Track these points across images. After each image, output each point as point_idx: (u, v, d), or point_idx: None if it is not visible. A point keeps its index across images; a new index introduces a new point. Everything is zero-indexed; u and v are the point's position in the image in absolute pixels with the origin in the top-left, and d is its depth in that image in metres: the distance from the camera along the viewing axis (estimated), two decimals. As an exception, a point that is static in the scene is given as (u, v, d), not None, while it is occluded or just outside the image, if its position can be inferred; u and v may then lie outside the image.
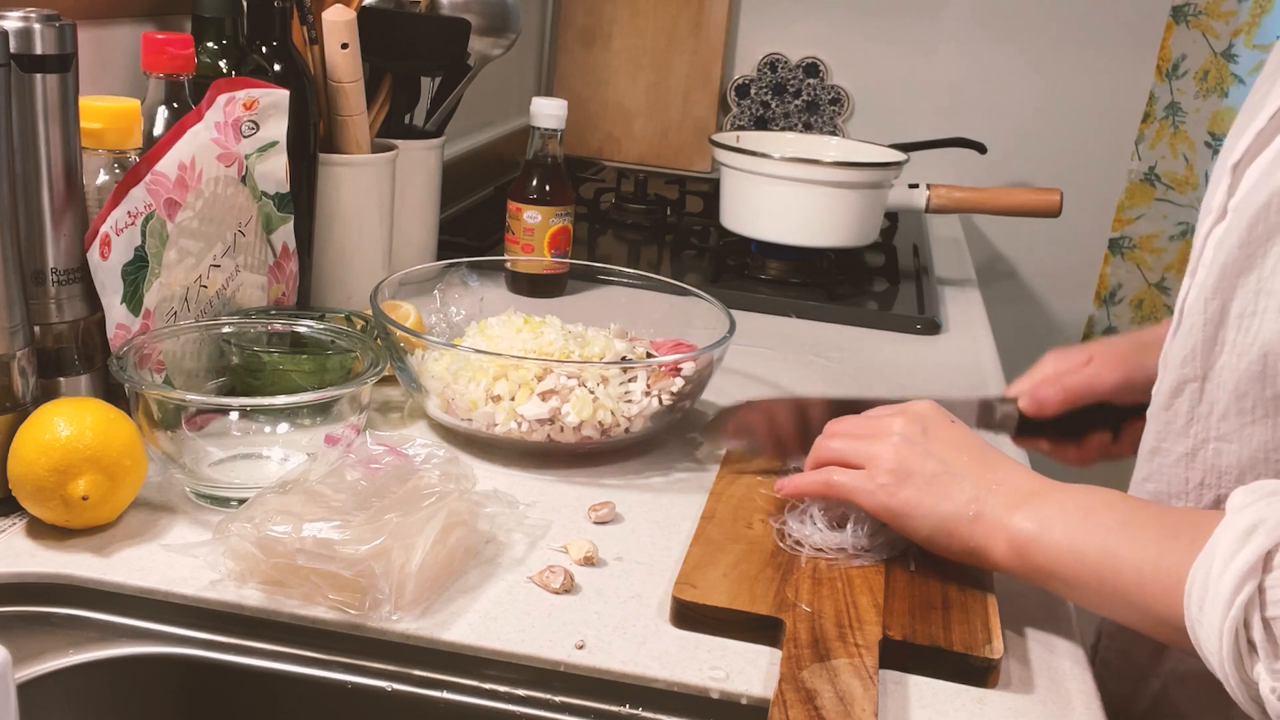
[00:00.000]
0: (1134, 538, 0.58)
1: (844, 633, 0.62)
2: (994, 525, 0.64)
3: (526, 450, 0.82)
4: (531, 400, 0.79)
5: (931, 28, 1.98)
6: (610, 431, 0.81)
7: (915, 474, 0.67)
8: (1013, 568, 0.64)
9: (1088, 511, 0.61)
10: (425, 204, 1.19)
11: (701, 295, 0.95)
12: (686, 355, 0.84)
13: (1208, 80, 1.95)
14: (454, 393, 0.81)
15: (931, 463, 0.67)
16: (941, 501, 0.66)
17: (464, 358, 0.81)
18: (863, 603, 0.65)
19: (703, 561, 0.68)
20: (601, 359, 0.84)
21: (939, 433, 0.69)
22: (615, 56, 2.04)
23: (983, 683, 0.61)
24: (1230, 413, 0.64)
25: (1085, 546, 0.60)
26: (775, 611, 0.63)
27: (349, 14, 0.98)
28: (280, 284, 0.92)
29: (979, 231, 2.02)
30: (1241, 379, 0.62)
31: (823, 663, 0.59)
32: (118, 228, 0.73)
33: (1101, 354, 0.83)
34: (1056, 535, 0.61)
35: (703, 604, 0.63)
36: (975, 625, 0.64)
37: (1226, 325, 0.63)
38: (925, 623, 0.64)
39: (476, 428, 0.81)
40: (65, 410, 0.66)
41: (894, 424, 0.70)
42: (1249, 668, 0.51)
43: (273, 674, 0.62)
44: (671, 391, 0.82)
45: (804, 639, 0.61)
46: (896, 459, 0.67)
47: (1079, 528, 0.61)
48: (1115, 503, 0.62)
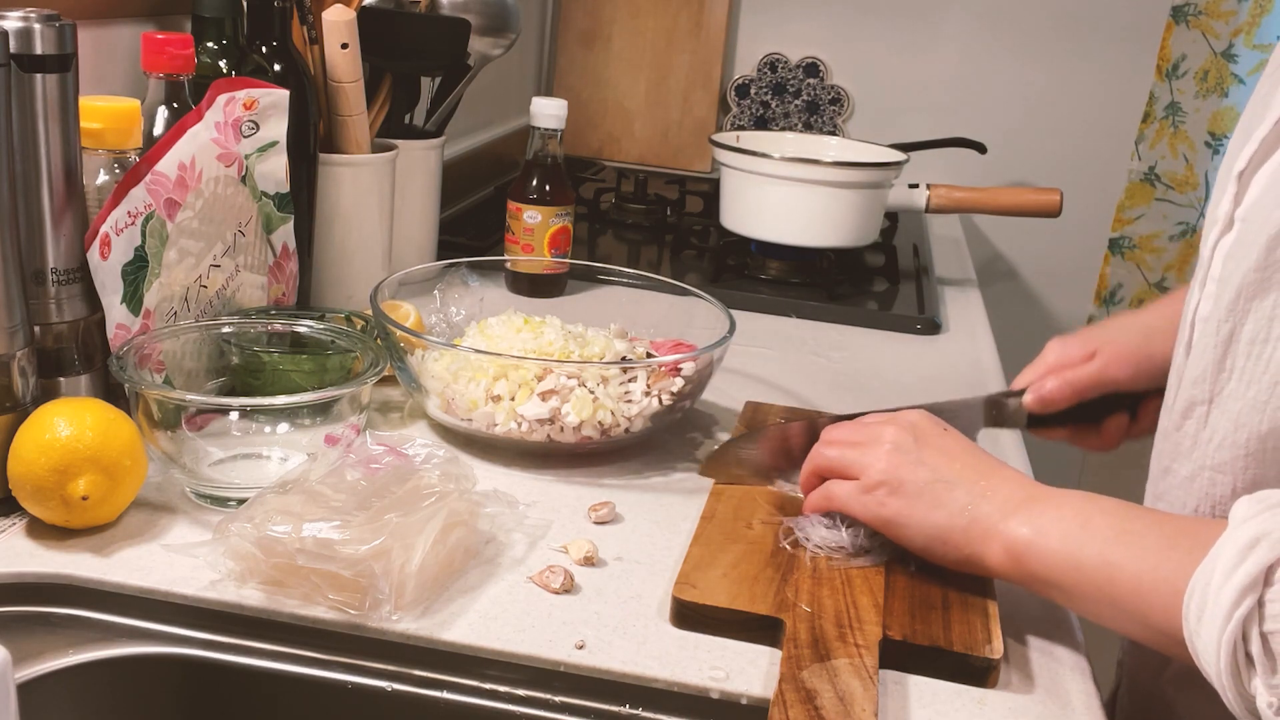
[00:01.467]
0: (1132, 546, 0.58)
1: (844, 633, 0.62)
2: (988, 532, 0.63)
3: (526, 450, 0.82)
4: (532, 400, 0.79)
5: (932, 28, 1.98)
6: (610, 431, 0.81)
7: (907, 483, 0.66)
8: (1009, 574, 0.64)
9: (1085, 519, 0.61)
10: (425, 204, 1.19)
11: (701, 295, 0.95)
12: (686, 355, 0.84)
13: (1208, 80, 1.95)
14: (454, 393, 0.81)
15: (923, 471, 0.66)
16: (933, 510, 0.65)
17: (464, 358, 0.81)
18: (863, 603, 0.65)
19: (703, 562, 0.68)
20: (601, 359, 0.84)
21: (931, 440, 0.69)
22: (615, 56, 2.04)
23: (983, 683, 0.61)
24: (1226, 443, 0.63)
25: (1083, 554, 0.59)
26: (775, 611, 0.63)
27: (349, 14, 0.98)
28: (280, 284, 0.92)
29: (979, 231, 2.03)
30: (1244, 409, 0.61)
31: (823, 663, 0.59)
32: (118, 228, 0.73)
33: (1107, 348, 0.82)
34: (1053, 542, 0.61)
35: (703, 604, 0.63)
36: (975, 625, 0.64)
37: (1236, 350, 0.62)
38: (925, 623, 0.63)
39: (476, 428, 0.81)
40: (65, 410, 0.66)
41: (885, 432, 0.69)
42: (1246, 681, 0.51)
43: (273, 674, 0.62)
44: (671, 391, 0.82)
45: (804, 639, 0.61)
46: (887, 468, 0.67)
47: (1076, 535, 0.60)
48: (1113, 510, 0.61)
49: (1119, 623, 0.59)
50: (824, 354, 1.14)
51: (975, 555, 0.64)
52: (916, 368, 1.13)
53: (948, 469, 0.66)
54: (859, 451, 0.69)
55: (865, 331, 1.23)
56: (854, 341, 1.19)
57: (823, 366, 1.10)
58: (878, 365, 1.12)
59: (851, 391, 1.04)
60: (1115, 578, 0.58)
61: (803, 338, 1.17)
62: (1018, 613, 0.68)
